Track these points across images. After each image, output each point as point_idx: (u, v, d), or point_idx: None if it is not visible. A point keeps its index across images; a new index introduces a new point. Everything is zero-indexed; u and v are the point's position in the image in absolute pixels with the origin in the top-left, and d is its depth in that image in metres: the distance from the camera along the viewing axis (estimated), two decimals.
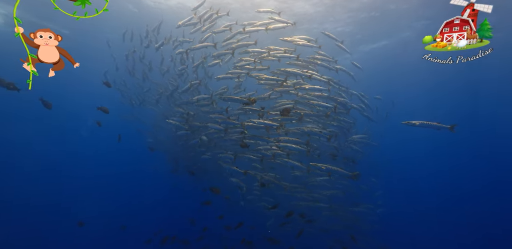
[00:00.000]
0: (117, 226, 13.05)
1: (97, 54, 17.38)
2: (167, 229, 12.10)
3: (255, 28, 9.07)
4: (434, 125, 6.50)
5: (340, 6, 13.71)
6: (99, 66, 15.56)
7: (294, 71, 8.64)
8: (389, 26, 15.65)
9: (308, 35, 9.29)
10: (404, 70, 22.47)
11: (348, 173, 7.27)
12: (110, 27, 15.67)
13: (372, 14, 14.45)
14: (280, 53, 8.86)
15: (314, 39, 8.99)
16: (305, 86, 8.57)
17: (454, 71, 21.48)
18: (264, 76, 8.72)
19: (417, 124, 6.62)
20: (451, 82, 24.87)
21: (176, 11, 14.31)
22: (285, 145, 7.77)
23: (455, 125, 6.51)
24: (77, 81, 22.93)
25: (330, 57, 9.28)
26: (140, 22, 12.95)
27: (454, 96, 28.86)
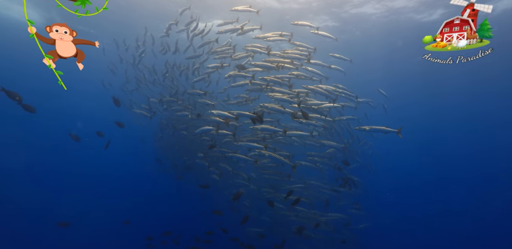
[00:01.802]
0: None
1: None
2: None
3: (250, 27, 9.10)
4: (383, 129, 6.85)
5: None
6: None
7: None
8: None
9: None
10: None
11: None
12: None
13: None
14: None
15: (289, 34, 8.96)
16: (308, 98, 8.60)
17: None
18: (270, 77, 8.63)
19: (367, 129, 7.01)
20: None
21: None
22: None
23: (401, 128, 6.82)
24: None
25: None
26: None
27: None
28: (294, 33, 9.15)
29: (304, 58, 8.81)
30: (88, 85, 21.14)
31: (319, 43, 10.64)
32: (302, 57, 8.82)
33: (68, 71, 2.50)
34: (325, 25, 15.33)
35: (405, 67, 21.28)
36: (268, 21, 10.82)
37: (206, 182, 10.35)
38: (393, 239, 17.26)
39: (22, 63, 25.81)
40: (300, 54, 8.81)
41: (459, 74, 21.85)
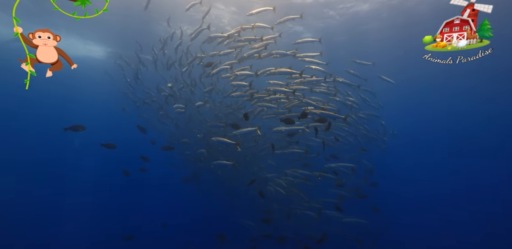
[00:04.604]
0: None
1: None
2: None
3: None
4: (331, 115, 7.27)
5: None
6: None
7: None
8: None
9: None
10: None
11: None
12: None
13: None
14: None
15: (269, 27, 8.70)
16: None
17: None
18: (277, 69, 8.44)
19: (318, 113, 7.37)
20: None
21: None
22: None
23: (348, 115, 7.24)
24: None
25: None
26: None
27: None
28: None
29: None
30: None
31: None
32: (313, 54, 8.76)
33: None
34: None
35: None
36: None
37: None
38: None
39: None
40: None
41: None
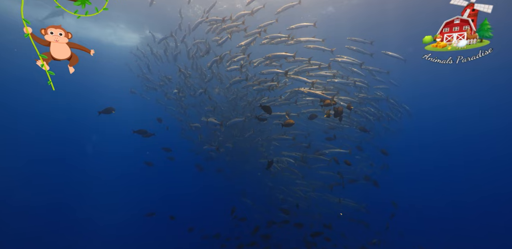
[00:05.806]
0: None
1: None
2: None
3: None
4: (319, 95, 7.35)
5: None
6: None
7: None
8: None
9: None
10: None
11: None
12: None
13: None
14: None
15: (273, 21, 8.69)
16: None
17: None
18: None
19: (306, 92, 7.61)
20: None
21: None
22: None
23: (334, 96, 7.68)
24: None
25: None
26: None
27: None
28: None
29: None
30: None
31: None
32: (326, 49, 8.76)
33: None
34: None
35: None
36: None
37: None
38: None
39: None
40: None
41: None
